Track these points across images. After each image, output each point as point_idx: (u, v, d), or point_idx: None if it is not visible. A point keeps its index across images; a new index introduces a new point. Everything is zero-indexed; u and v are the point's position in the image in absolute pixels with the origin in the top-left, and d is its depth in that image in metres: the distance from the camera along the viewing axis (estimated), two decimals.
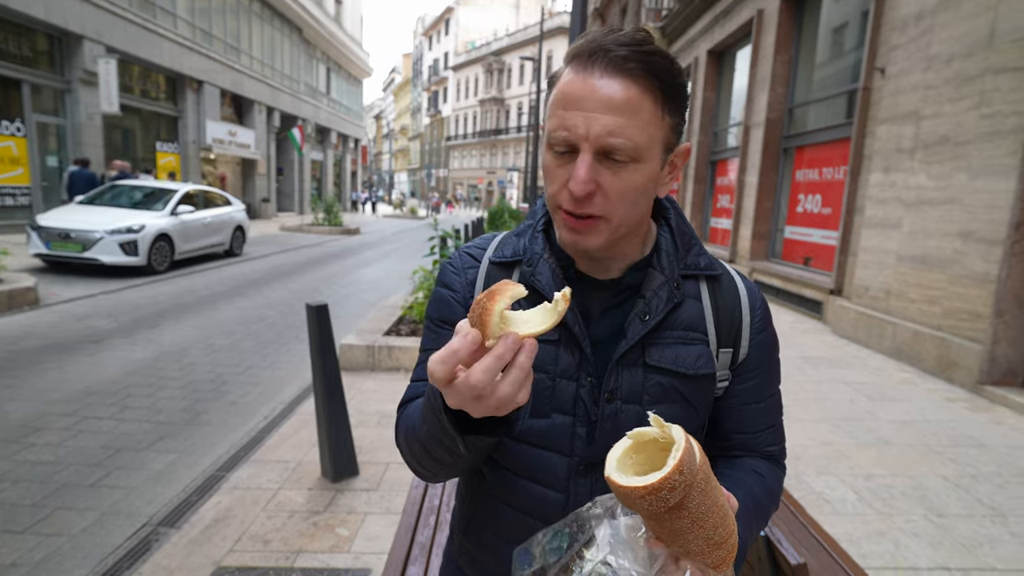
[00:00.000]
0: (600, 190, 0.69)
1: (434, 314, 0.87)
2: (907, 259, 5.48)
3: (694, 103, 12.14)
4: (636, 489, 0.50)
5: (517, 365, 0.52)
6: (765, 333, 0.85)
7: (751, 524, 0.76)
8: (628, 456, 0.56)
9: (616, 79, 0.67)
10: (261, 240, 15.38)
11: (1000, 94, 4.52)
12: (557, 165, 0.71)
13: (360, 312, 7.27)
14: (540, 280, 0.79)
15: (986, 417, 4.08)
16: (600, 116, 0.66)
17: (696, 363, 0.78)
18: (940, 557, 2.45)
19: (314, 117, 28.40)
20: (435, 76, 70.51)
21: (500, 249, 0.86)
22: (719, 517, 0.55)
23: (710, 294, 0.82)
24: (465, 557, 0.91)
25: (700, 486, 0.52)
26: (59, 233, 8.32)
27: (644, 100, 0.67)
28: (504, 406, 0.54)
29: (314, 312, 2.77)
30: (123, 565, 2.27)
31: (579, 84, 0.68)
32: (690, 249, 0.83)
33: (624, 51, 0.66)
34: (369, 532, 2.54)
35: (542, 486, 0.79)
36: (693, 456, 0.52)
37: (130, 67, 15.54)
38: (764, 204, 9.07)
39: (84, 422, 3.59)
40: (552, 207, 0.74)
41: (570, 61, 0.71)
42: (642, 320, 0.77)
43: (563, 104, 0.69)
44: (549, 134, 0.71)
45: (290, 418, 3.75)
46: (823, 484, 3.06)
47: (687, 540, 0.54)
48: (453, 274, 0.87)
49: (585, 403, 0.77)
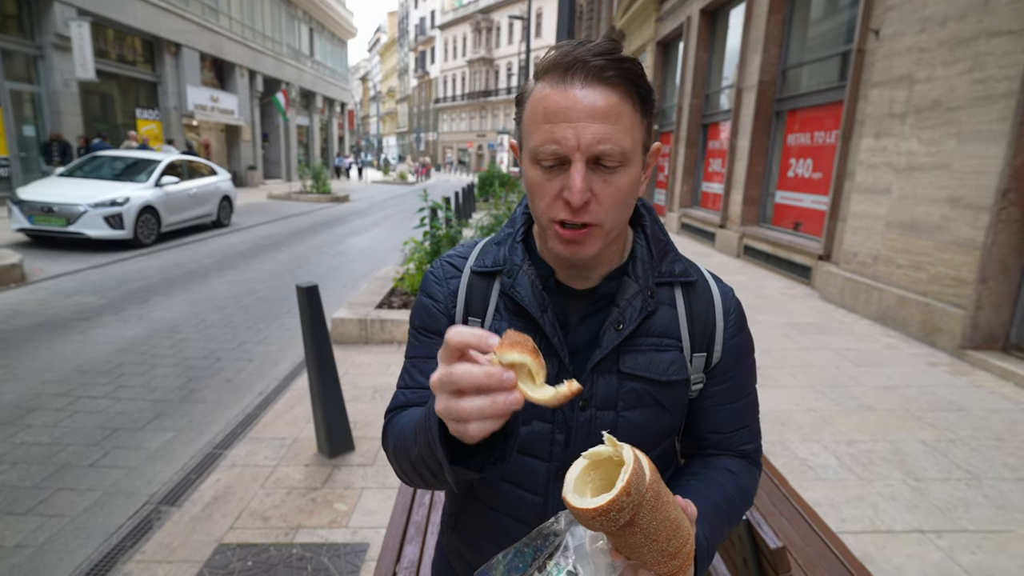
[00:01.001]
0: (594, 198, 0.70)
1: (417, 323, 0.88)
2: (895, 225, 5.51)
3: (686, 64, 11.91)
4: (587, 511, 0.52)
5: (491, 398, 0.52)
6: (739, 336, 0.87)
7: (720, 525, 0.79)
8: (587, 474, 0.58)
9: (597, 88, 0.68)
10: (249, 210, 15.18)
11: (993, 58, 4.47)
12: (546, 179, 0.71)
13: (351, 284, 7.27)
14: (519, 292, 0.80)
15: (966, 381, 4.19)
16: (588, 125, 0.67)
17: (669, 369, 0.81)
18: (916, 520, 2.56)
19: (298, 81, 27.64)
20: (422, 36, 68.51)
21: (481, 258, 0.87)
22: (671, 530, 0.58)
23: (685, 300, 0.84)
24: (453, 553, 0.95)
25: (650, 503, 0.54)
26: (41, 207, 8.17)
27: (624, 106, 0.69)
28: (460, 424, 0.54)
29: (305, 294, 2.77)
30: (126, 544, 2.33)
31: (561, 96, 0.68)
32: (665, 256, 0.85)
33: (601, 61, 0.68)
34: (367, 507, 2.61)
35: (523, 490, 0.82)
36: (642, 476, 0.54)
37: (104, 30, 14.98)
38: (756, 168, 9.03)
39: (79, 402, 3.62)
40: (545, 221, 0.74)
41: (544, 75, 0.71)
42: (616, 329, 0.78)
43: (547, 118, 0.69)
44: (535, 149, 0.71)
45: (285, 394, 3.79)
46: (807, 451, 3.16)
47: (642, 553, 0.57)
48: (435, 284, 0.88)
49: (563, 410, 0.80)
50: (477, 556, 0.89)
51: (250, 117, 22.70)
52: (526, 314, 0.80)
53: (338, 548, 2.33)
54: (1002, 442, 3.28)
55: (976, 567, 2.26)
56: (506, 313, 0.82)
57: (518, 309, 0.81)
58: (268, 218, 13.75)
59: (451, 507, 0.94)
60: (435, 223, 5.92)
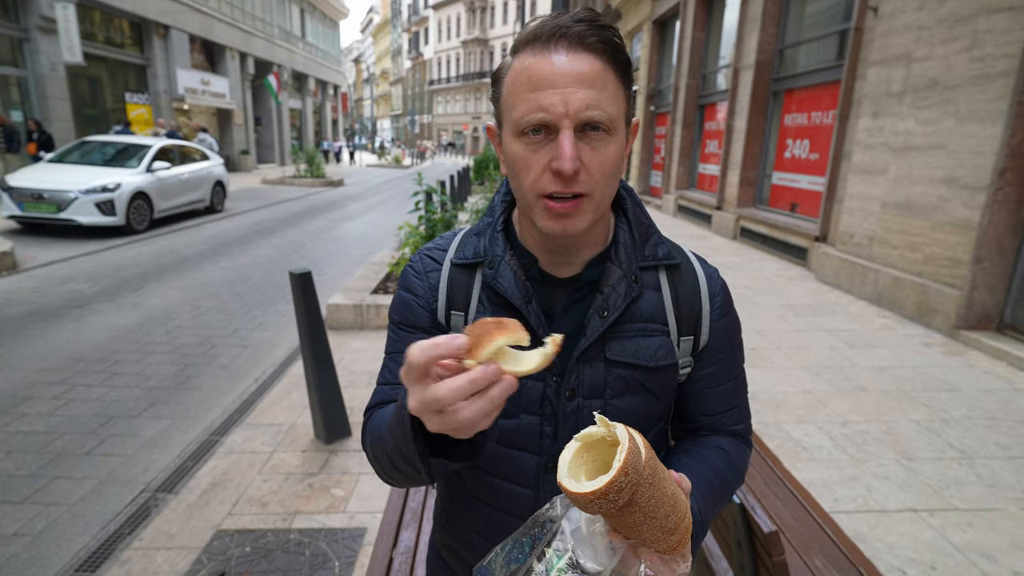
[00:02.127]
0: (583, 167, 0.68)
1: (396, 317, 0.86)
2: (891, 206, 5.50)
3: (682, 43, 11.77)
4: (585, 495, 0.51)
5: (488, 396, 0.52)
6: (726, 318, 0.86)
7: (713, 501, 0.79)
8: (580, 456, 0.57)
9: (582, 54, 0.67)
10: (242, 195, 15.05)
11: (992, 35, 4.42)
12: (532, 151, 0.69)
13: (346, 269, 7.23)
14: (502, 283, 0.78)
15: (959, 361, 4.21)
16: (576, 90, 0.66)
17: (656, 355, 0.79)
18: (908, 499, 2.59)
19: (290, 63, 27.24)
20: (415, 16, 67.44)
21: (461, 250, 0.84)
22: (669, 506, 0.57)
23: (670, 284, 0.83)
24: (446, 549, 0.94)
25: (647, 482, 0.53)
26: (31, 194, 8.08)
27: (608, 73, 0.68)
28: (462, 430, 0.54)
29: (298, 280, 2.75)
30: (124, 531, 2.34)
31: (545, 64, 0.67)
32: (648, 239, 0.83)
33: (583, 27, 0.67)
34: (364, 492, 2.62)
35: (513, 483, 0.81)
36: (638, 455, 0.53)
37: (90, 12, 14.70)
38: (752, 149, 8.98)
39: (74, 390, 3.61)
40: (531, 197, 0.71)
41: (524, 47, 0.70)
42: (601, 316, 0.77)
43: (531, 86, 0.67)
44: (519, 120, 0.68)
45: (281, 380, 3.78)
46: (801, 432, 3.18)
47: (642, 531, 0.57)
48: (415, 278, 0.86)
49: (552, 402, 0.79)
50: (469, 551, 0.88)
51: (242, 100, 22.41)
52: (510, 305, 0.78)
53: (336, 533, 2.35)
54: (995, 421, 3.31)
55: (967, 544, 2.29)
56: (489, 305, 0.80)
57: (501, 301, 0.79)
58: (262, 203, 13.65)
59: (442, 503, 0.94)
60: (430, 207, 5.88)
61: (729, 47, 9.96)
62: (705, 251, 8.42)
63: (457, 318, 0.82)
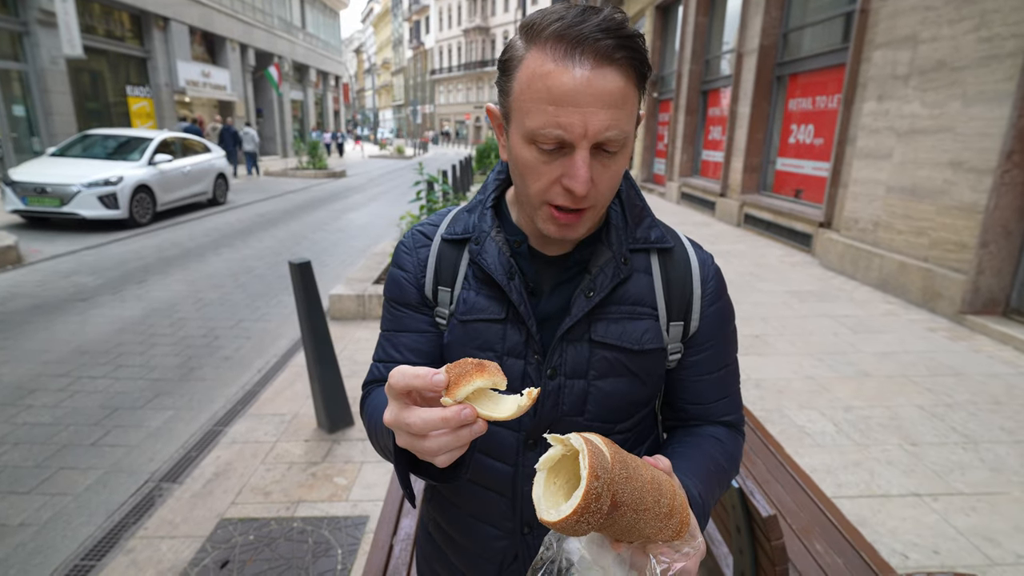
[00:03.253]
0: (594, 185, 0.68)
1: (389, 295, 0.88)
2: (896, 190, 5.44)
3: (685, 28, 11.63)
4: (569, 517, 0.50)
5: (456, 435, 0.55)
6: (718, 304, 0.84)
7: (712, 486, 0.78)
8: (550, 486, 0.55)
9: (607, 71, 0.63)
10: (244, 187, 15.06)
11: (1000, 15, 4.34)
12: (543, 162, 0.67)
13: (349, 260, 7.23)
14: (486, 259, 0.78)
15: (964, 346, 4.18)
16: (597, 112, 0.63)
17: (643, 338, 0.79)
18: (912, 484, 2.58)
19: (291, 54, 27.10)
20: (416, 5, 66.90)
21: (452, 226, 0.85)
22: (655, 492, 0.56)
23: (661, 267, 0.82)
24: (432, 523, 0.97)
25: (621, 477, 0.52)
26: (34, 188, 8.10)
27: (630, 89, 0.66)
28: (424, 455, 0.56)
29: (298, 270, 2.75)
30: (129, 521, 2.36)
31: (568, 78, 0.62)
32: (640, 222, 0.82)
33: (611, 40, 0.62)
34: (366, 480, 2.63)
35: (493, 459, 0.82)
36: (602, 455, 0.52)
37: (90, 5, 14.63)
38: (756, 135, 8.89)
39: (79, 382, 3.63)
40: (536, 201, 0.71)
41: (543, 44, 0.64)
42: (587, 296, 0.77)
43: (551, 99, 0.63)
44: (534, 131, 0.65)
45: (284, 371, 3.80)
46: (804, 418, 3.17)
47: (641, 529, 0.55)
48: (405, 254, 0.87)
49: (533, 380, 0.79)
50: (450, 524, 0.91)
51: (243, 92, 22.32)
52: (493, 282, 0.79)
53: (338, 521, 2.36)
54: (999, 405, 3.29)
55: (970, 529, 2.29)
56: (474, 281, 0.81)
57: (485, 277, 0.80)
58: (264, 195, 13.64)
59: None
60: (431, 197, 5.86)
61: (732, 32, 9.84)
62: (709, 238, 8.37)
63: (444, 293, 0.83)
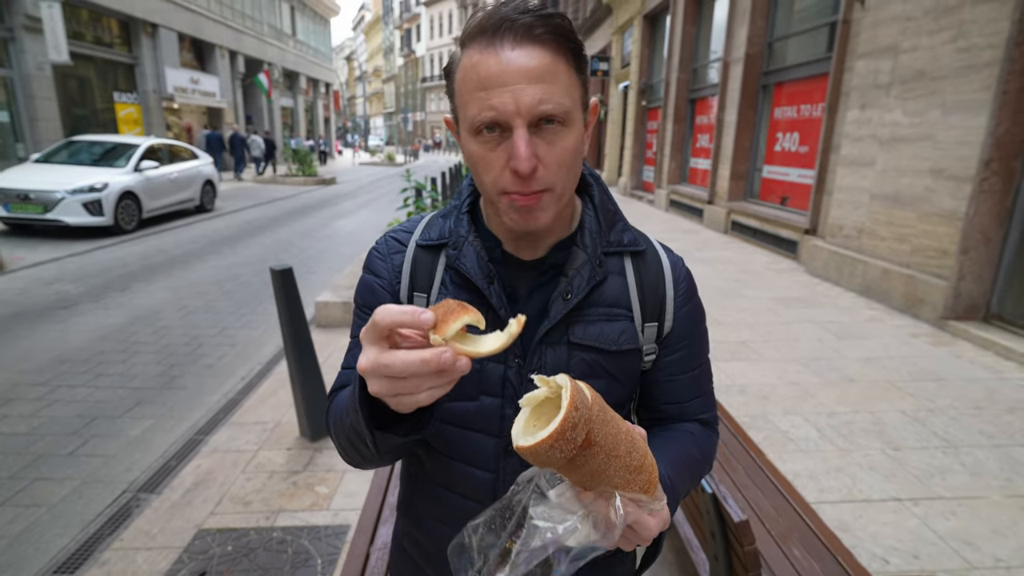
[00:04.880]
0: (541, 163, 0.68)
1: (360, 301, 0.86)
2: (879, 197, 5.51)
3: (673, 37, 11.74)
4: (543, 442, 0.51)
5: (439, 376, 0.53)
6: (690, 305, 0.86)
7: (683, 473, 0.79)
8: (531, 424, 0.57)
9: (529, 47, 0.65)
10: (233, 194, 14.97)
11: (978, 26, 4.42)
12: (488, 150, 0.69)
13: (337, 267, 7.20)
14: (465, 264, 0.78)
15: (947, 351, 4.23)
16: (525, 87, 0.64)
17: (619, 339, 0.79)
18: (893, 489, 2.59)
19: (281, 61, 27.07)
20: (407, 13, 67.13)
21: (427, 231, 0.85)
22: (628, 443, 0.57)
23: (634, 270, 0.83)
24: (407, 537, 0.93)
25: (599, 418, 0.54)
26: (17, 194, 8.01)
27: (559, 63, 0.67)
28: (404, 401, 0.54)
29: (279, 276, 2.73)
30: (104, 532, 2.31)
31: (493, 61, 0.65)
32: (613, 225, 0.83)
33: (529, 18, 0.65)
34: (348, 489, 2.61)
35: (473, 467, 0.81)
36: (583, 393, 0.54)
37: (77, 11, 14.55)
38: (743, 143, 8.98)
39: (57, 391, 3.57)
40: (494, 194, 0.72)
41: (471, 42, 0.68)
42: (564, 299, 0.77)
43: (481, 85, 0.66)
44: (473, 120, 0.67)
45: (268, 378, 3.76)
46: (788, 423, 3.18)
47: (609, 476, 0.56)
48: (379, 260, 0.86)
49: (513, 384, 0.78)
50: (428, 537, 0.88)
51: (232, 99, 22.24)
52: (472, 286, 0.78)
53: (319, 530, 2.33)
54: (980, 410, 3.32)
55: (950, 533, 2.30)
56: (452, 287, 0.80)
57: (464, 282, 0.79)
58: (253, 202, 13.57)
59: (404, 491, 0.93)
60: (419, 203, 5.85)
61: (719, 41, 9.95)
62: (697, 245, 8.42)
63: (420, 299, 0.83)
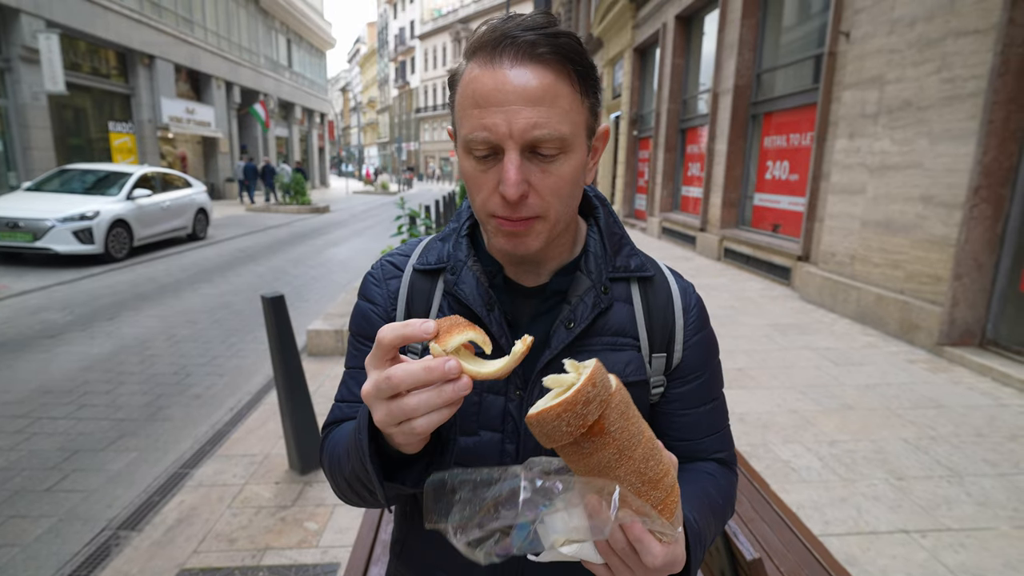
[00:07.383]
0: (532, 189, 0.64)
1: (355, 329, 0.82)
2: (871, 224, 5.55)
3: (663, 69, 12.00)
4: (551, 408, 0.47)
5: (439, 391, 0.50)
6: (701, 335, 0.81)
7: (706, 515, 0.72)
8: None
9: (528, 67, 0.61)
10: (226, 222, 14.94)
11: (960, 57, 4.53)
12: (481, 171, 0.65)
13: (330, 295, 7.13)
14: (463, 290, 0.74)
15: (945, 378, 4.20)
16: (520, 109, 0.61)
17: (625, 370, 0.75)
18: (899, 520, 2.52)
19: (276, 92, 27.41)
20: (402, 46, 68.52)
21: (424, 255, 0.81)
22: (648, 451, 0.52)
23: (642, 296, 0.78)
24: None
25: (618, 408, 0.50)
26: (7, 222, 7.93)
27: (561, 86, 0.63)
28: (410, 428, 0.52)
29: (270, 304, 2.67)
30: (81, 573, 2.20)
31: (489, 79, 0.62)
32: (620, 250, 0.79)
33: (531, 36, 0.61)
34: (338, 525, 2.51)
35: None
36: (606, 374, 0.50)
37: (75, 43, 14.71)
38: (734, 172, 9.09)
39: (38, 423, 3.46)
40: (483, 216, 0.69)
41: (472, 55, 0.65)
42: (567, 327, 0.73)
43: (476, 103, 0.63)
44: (466, 138, 0.64)
45: (257, 409, 3.67)
46: (789, 452, 3.12)
47: (618, 477, 0.51)
48: (374, 286, 0.82)
49: (514, 418, 0.74)
50: None
51: (228, 129, 22.41)
52: (471, 313, 0.74)
53: (307, 569, 2.23)
54: (982, 438, 3.27)
55: (960, 566, 2.23)
56: (450, 313, 0.76)
57: (462, 309, 0.75)
58: (246, 230, 13.54)
59: (397, 532, 0.87)
60: (413, 231, 5.84)
61: (708, 73, 10.17)
62: (690, 272, 8.44)
63: None
